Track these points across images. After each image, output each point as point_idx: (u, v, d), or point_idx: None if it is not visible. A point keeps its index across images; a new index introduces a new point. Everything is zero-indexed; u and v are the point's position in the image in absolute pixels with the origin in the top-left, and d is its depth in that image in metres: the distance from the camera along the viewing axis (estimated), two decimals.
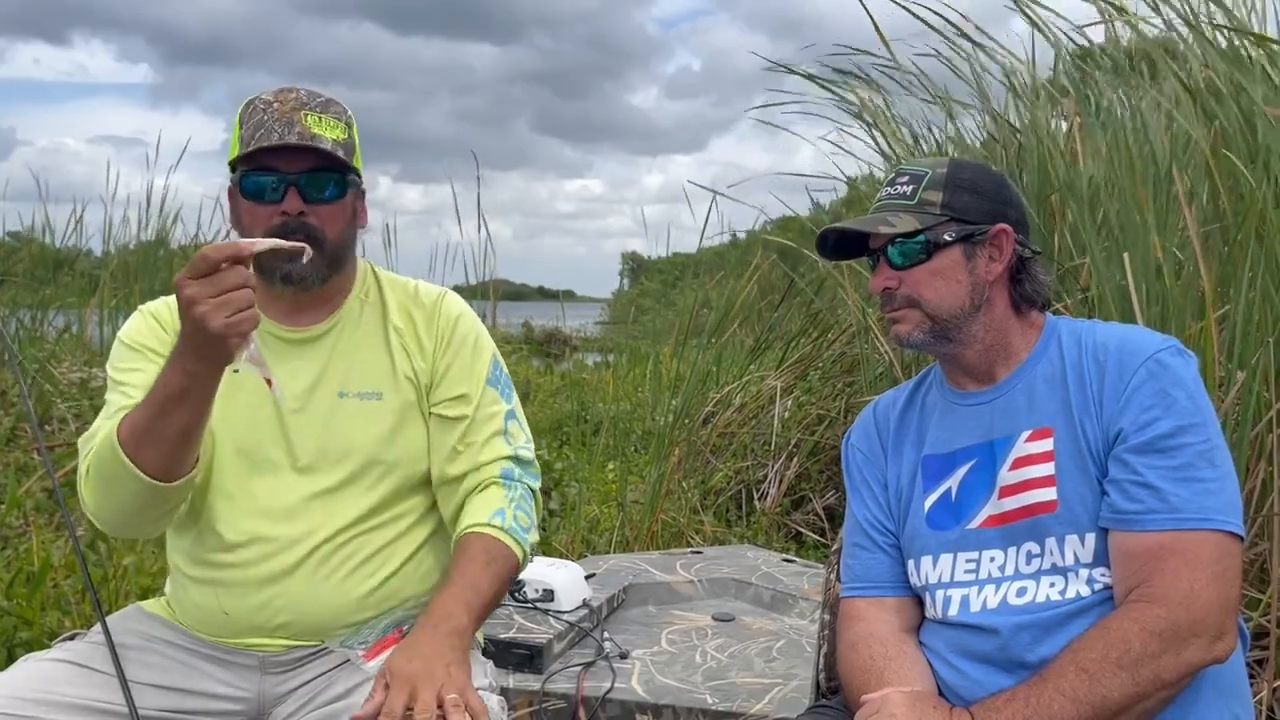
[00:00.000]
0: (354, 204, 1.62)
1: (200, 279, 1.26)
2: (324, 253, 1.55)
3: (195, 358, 1.32)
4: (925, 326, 1.43)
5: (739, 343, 5.98)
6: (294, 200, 1.53)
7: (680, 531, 4.24)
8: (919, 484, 1.49)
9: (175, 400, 1.35)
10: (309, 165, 1.54)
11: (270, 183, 1.53)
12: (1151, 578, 1.25)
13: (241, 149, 1.54)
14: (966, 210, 1.42)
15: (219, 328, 1.26)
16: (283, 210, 1.53)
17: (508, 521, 1.58)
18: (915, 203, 1.43)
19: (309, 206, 1.54)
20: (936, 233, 1.41)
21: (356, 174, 1.61)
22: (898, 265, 1.43)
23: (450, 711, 1.32)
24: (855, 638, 1.47)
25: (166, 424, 1.37)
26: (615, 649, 2.33)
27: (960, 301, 1.42)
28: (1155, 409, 1.30)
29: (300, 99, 1.56)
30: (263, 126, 1.52)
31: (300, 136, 1.52)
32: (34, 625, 2.88)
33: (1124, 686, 1.21)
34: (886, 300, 1.46)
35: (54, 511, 3.98)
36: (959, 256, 1.42)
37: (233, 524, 1.56)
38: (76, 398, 5.12)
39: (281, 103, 1.54)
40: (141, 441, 1.39)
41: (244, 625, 1.56)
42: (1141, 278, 2.81)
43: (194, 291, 1.25)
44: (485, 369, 1.69)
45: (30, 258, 7.35)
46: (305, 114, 1.54)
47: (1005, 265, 1.44)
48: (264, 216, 1.54)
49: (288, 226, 1.53)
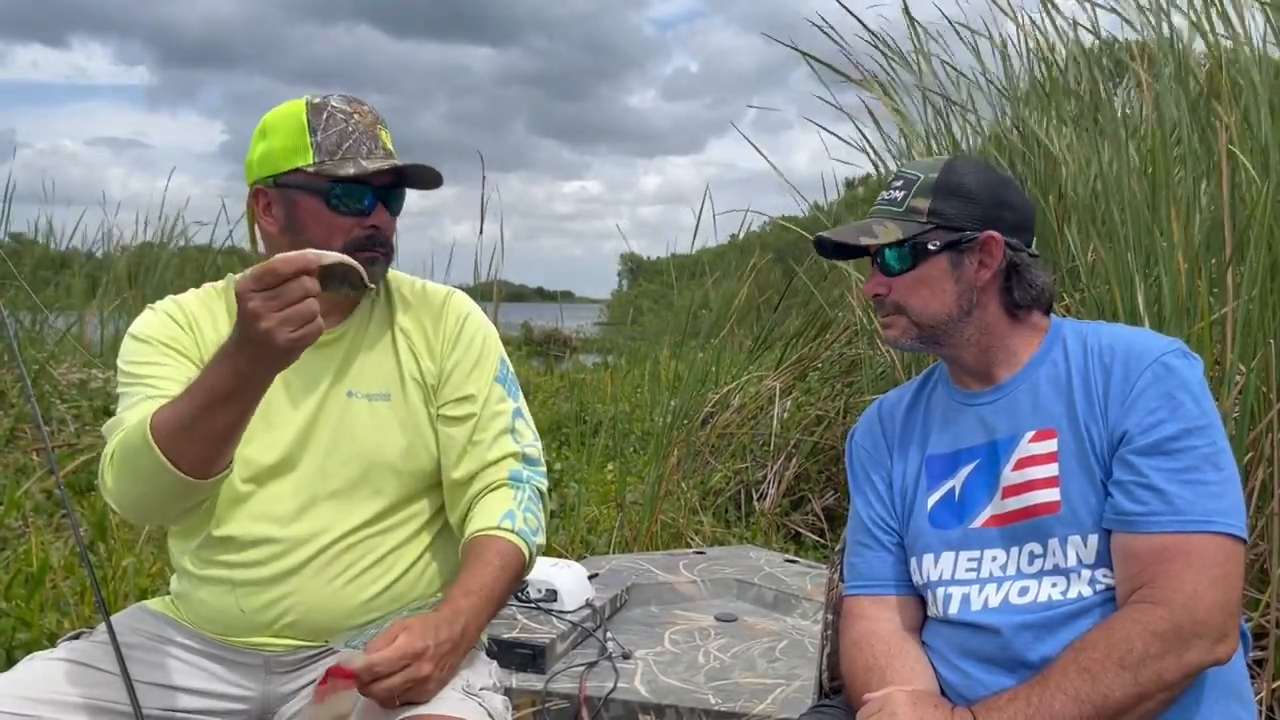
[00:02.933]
0: None
1: (265, 291, 1.23)
2: (390, 261, 1.62)
3: (251, 363, 1.29)
4: (913, 332, 1.45)
5: (738, 343, 5.98)
6: (383, 215, 1.58)
7: (679, 532, 4.24)
8: (923, 482, 1.49)
9: (223, 400, 1.33)
10: (391, 180, 1.59)
11: (360, 193, 1.55)
12: (1155, 579, 1.25)
13: (322, 156, 1.54)
14: (954, 217, 1.42)
15: (284, 343, 1.24)
16: (371, 224, 1.56)
17: (517, 524, 1.58)
18: (903, 210, 1.43)
19: (388, 220, 1.59)
20: (921, 241, 1.42)
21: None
22: (888, 272, 1.45)
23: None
24: (858, 636, 1.47)
25: (210, 423, 1.35)
26: (618, 649, 2.34)
27: (947, 308, 1.42)
28: (1160, 411, 1.30)
29: (373, 113, 1.61)
30: (349, 138, 1.55)
31: (385, 154, 1.57)
32: (33, 627, 2.88)
33: (1126, 687, 1.21)
34: (878, 305, 1.48)
35: (53, 513, 3.98)
36: (945, 264, 1.42)
37: (241, 525, 1.56)
38: (76, 399, 5.12)
39: (360, 115, 1.58)
40: (180, 439, 1.36)
41: (250, 624, 1.56)
42: (1143, 278, 2.82)
43: (259, 305, 1.22)
44: (493, 367, 1.69)
45: (34, 259, 7.34)
46: (380, 129, 1.59)
47: (995, 271, 1.43)
48: (346, 227, 1.55)
49: (374, 240, 1.57)
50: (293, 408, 1.60)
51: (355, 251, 1.52)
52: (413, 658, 1.34)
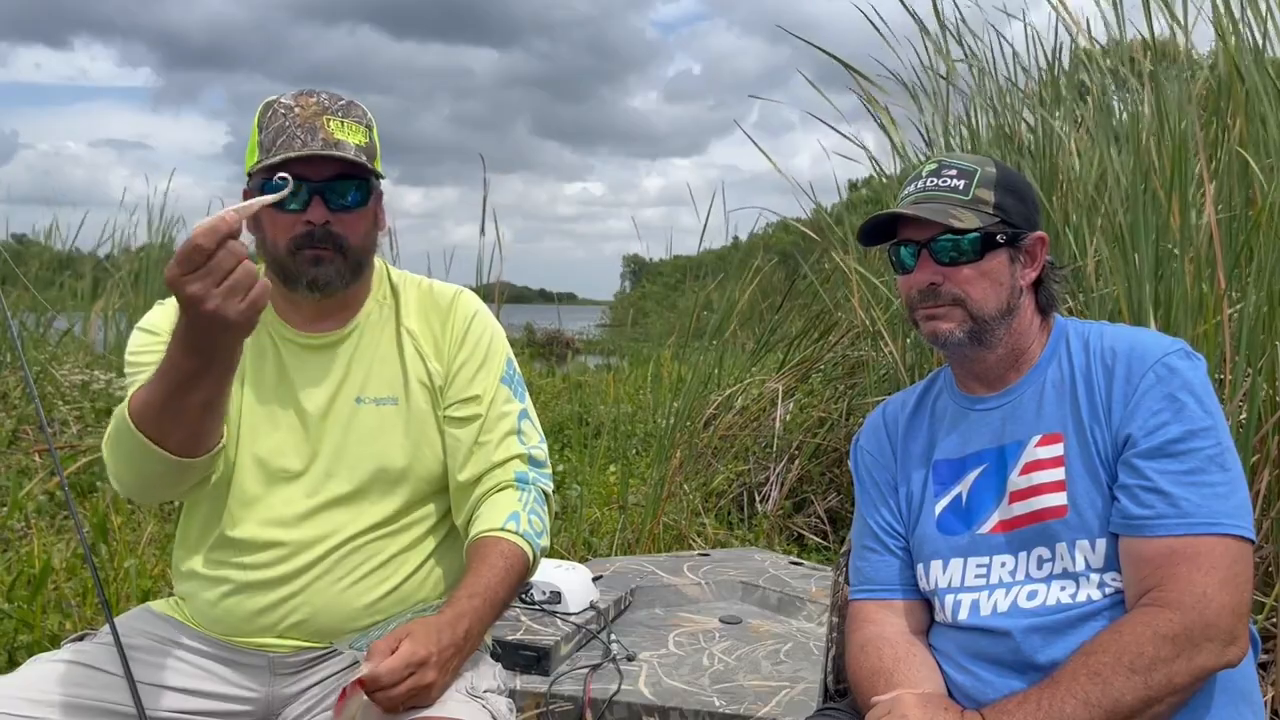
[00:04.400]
0: (375, 210, 1.60)
1: (197, 272, 1.18)
2: (348, 260, 1.54)
3: (211, 341, 1.26)
4: (966, 326, 1.40)
5: (740, 345, 5.97)
6: (319, 209, 1.50)
7: (681, 534, 4.24)
8: (930, 488, 1.48)
9: (193, 378, 1.30)
10: (333, 173, 1.51)
11: (297, 190, 1.48)
12: (1163, 582, 1.25)
13: (261, 154, 1.51)
14: (1014, 214, 1.41)
15: (236, 316, 1.21)
16: (307, 219, 1.50)
17: (522, 526, 1.57)
18: (969, 199, 1.40)
19: (333, 215, 1.51)
20: (990, 233, 1.39)
21: (379, 177, 1.59)
22: (943, 261, 1.40)
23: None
24: (864, 640, 1.46)
25: (185, 401, 1.33)
26: (622, 651, 2.34)
27: (1000, 305, 1.41)
28: (1164, 413, 1.30)
29: (322, 103, 1.53)
30: (284, 133, 1.49)
31: (324, 144, 1.49)
32: (35, 628, 2.88)
33: (1136, 690, 1.20)
34: (929, 296, 1.42)
35: (55, 514, 3.98)
36: (1005, 259, 1.41)
37: (249, 528, 1.56)
38: (78, 400, 5.12)
39: (303, 107, 1.51)
40: (158, 419, 1.35)
41: (256, 624, 1.56)
42: (1148, 278, 2.81)
43: (198, 288, 1.18)
44: (499, 368, 1.68)
45: (40, 263, 7.35)
46: (327, 119, 1.51)
47: (1037, 273, 1.43)
48: (287, 225, 1.51)
49: (313, 236, 1.51)
50: (300, 411, 1.59)
51: (296, 250, 1.51)
52: (417, 665, 1.34)
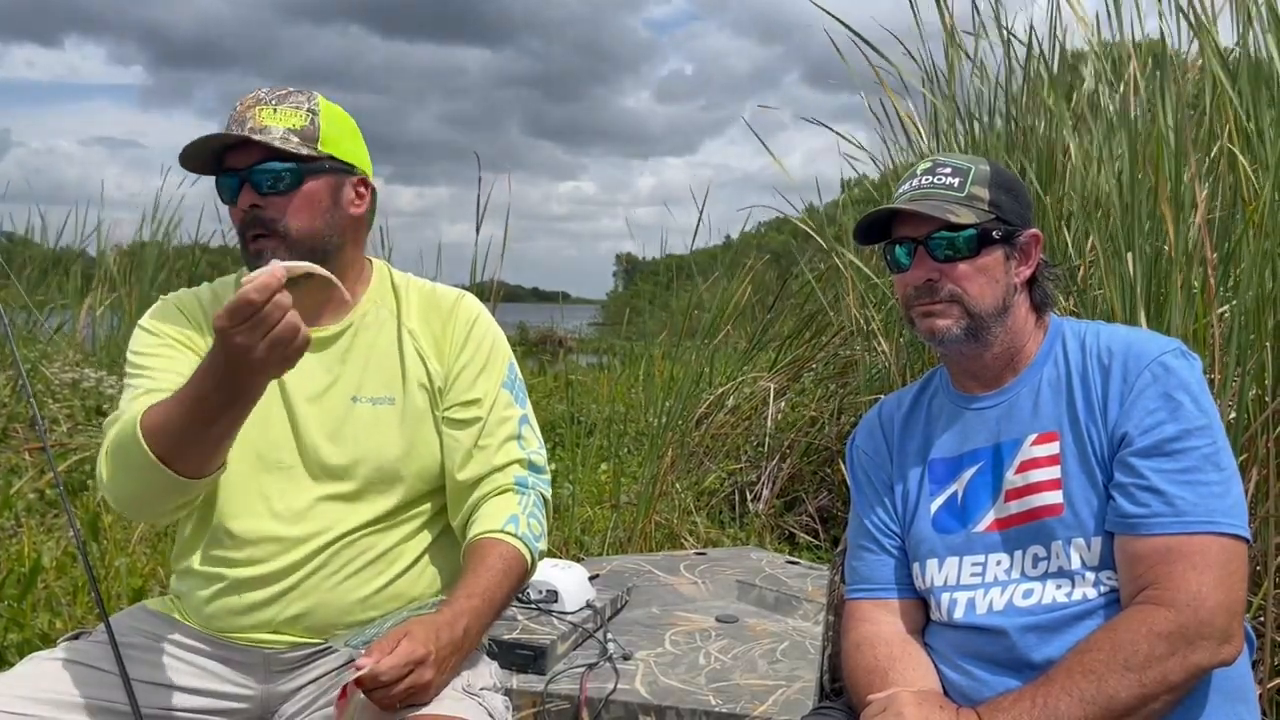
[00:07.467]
0: (329, 191, 1.57)
1: (246, 323, 1.23)
2: (288, 243, 1.52)
3: (248, 381, 1.31)
4: (963, 323, 1.41)
5: (732, 344, 5.98)
6: (247, 195, 1.52)
7: (673, 532, 4.24)
8: (925, 487, 1.49)
9: (218, 410, 1.33)
10: (257, 158, 1.52)
11: (229, 181, 1.53)
12: (1158, 580, 1.25)
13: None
14: (1009, 211, 1.42)
15: (278, 362, 1.27)
16: (241, 207, 1.53)
17: (521, 529, 1.58)
18: (965, 196, 1.41)
19: (263, 199, 1.52)
20: (987, 229, 1.40)
21: (329, 160, 1.56)
22: (939, 258, 1.41)
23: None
24: (860, 639, 1.47)
25: (205, 431, 1.36)
26: (619, 650, 2.33)
27: (997, 302, 1.41)
28: (1160, 412, 1.31)
29: (259, 96, 1.55)
30: (222, 129, 1.52)
31: (251, 132, 1.50)
32: (25, 627, 2.87)
33: (1131, 688, 1.21)
34: (925, 293, 1.42)
35: (45, 513, 3.96)
36: (1000, 256, 1.42)
37: (246, 523, 1.56)
38: (68, 399, 5.09)
39: (242, 103, 1.55)
40: (173, 442, 1.37)
41: (251, 620, 1.56)
42: (1142, 277, 2.82)
43: (245, 339, 1.23)
44: (500, 372, 1.68)
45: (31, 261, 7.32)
46: (259, 109, 1.53)
47: (1032, 270, 1.44)
48: (235, 217, 1.55)
49: (246, 222, 1.53)
50: (297, 408, 1.59)
51: (246, 243, 1.54)
52: (415, 664, 1.35)
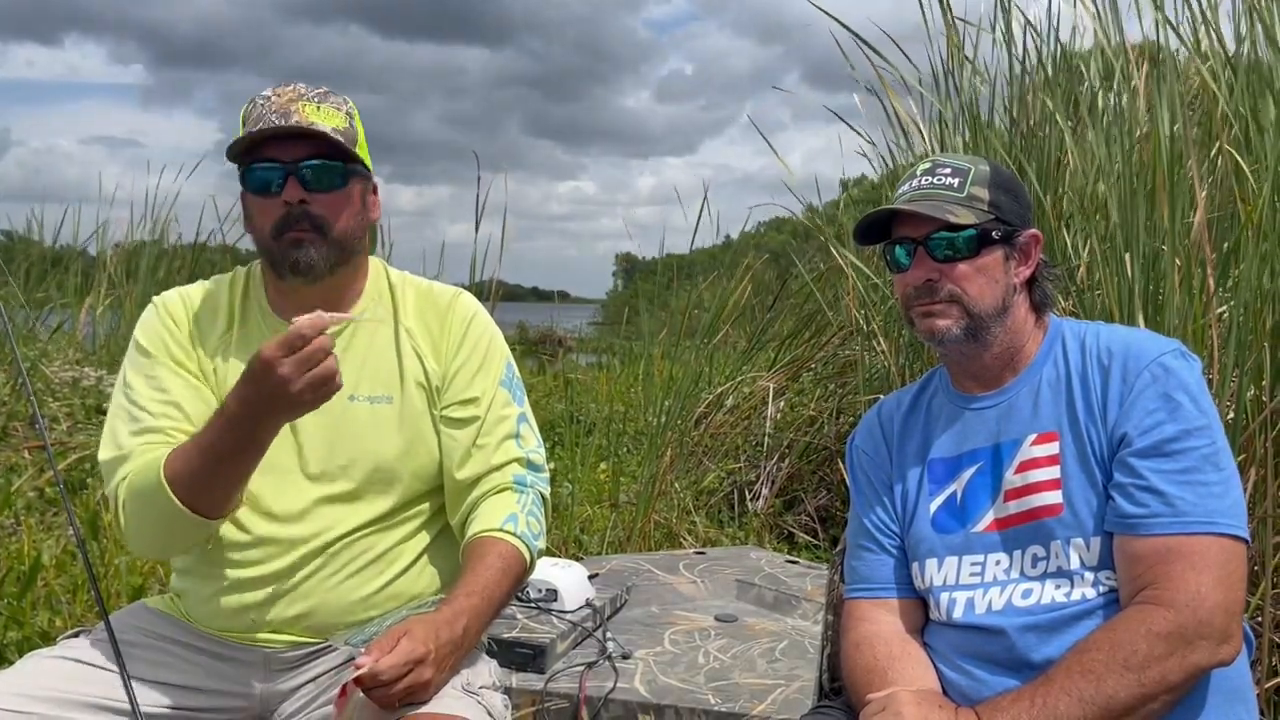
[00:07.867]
0: (361, 195, 1.60)
1: (293, 356, 1.30)
2: (329, 241, 1.54)
3: (276, 421, 1.39)
4: (963, 323, 1.41)
5: (732, 344, 5.98)
6: (294, 189, 1.51)
7: (672, 532, 4.24)
8: (925, 487, 1.49)
9: (243, 453, 1.41)
10: (308, 153, 1.52)
11: (271, 174, 1.51)
12: (1158, 581, 1.26)
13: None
14: (1008, 212, 1.42)
15: (310, 402, 1.34)
16: (284, 200, 1.51)
17: (520, 528, 1.58)
18: (965, 196, 1.41)
19: (310, 195, 1.52)
20: (986, 229, 1.40)
21: (362, 164, 1.59)
22: (939, 258, 1.41)
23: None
24: (859, 638, 1.47)
25: (230, 474, 1.43)
26: (618, 649, 2.34)
27: (996, 302, 1.42)
28: (1159, 413, 1.31)
29: (298, 91, 1.55)
30: (261, 120, 1.51)
31: (298, 125, 1.50)
32: (24, 625, 2.87)
33: (1130, 688, 1.21)
34: (925, 293, 1.42)
35: (44, 511, 3.95)
36: (1000, 256, 1.42)
37: (243, 525, 1.56)
38: (68, 397, 5.09)
39: (279, 96, 1.53)
40: (199, 488, 1.43)
41: (251, 619, 1.56)
42: (1140, 278, 2.82)
43: (289, 370, 1.30)
44: (498, 371, 1.68)
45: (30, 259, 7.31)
46: (303, 104, 1.52)
47: (1031, 270, 1.44)
48: (269, 209, 1.53)
49: (290, 216, 1.52)
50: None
51: (278, 235, 1.53)
52: (415, 663, 1.35)
